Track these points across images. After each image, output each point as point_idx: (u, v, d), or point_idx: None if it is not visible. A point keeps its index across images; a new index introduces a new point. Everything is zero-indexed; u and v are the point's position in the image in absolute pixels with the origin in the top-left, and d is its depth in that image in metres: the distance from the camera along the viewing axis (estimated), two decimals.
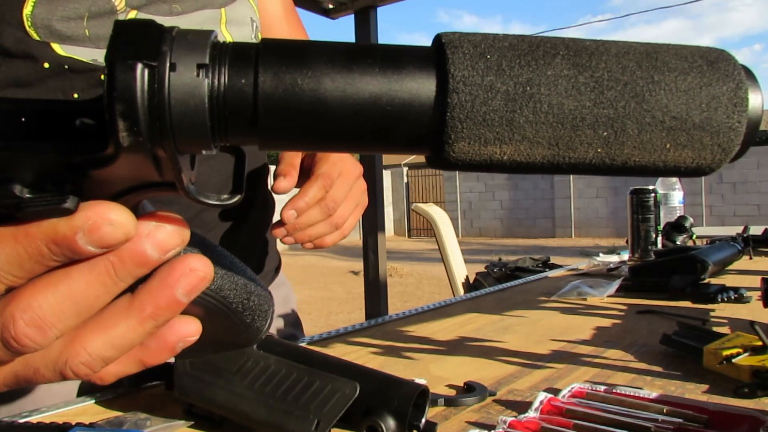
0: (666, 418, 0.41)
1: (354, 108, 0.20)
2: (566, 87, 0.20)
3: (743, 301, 0.83)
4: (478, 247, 11.30)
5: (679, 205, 1.51)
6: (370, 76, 0.20)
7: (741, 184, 10.84)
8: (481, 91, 0.20)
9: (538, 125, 0.20)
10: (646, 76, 0.20)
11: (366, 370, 0.41)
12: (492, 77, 0.20)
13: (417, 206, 3.25)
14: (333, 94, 0.20)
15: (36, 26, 0.50)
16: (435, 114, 0.20)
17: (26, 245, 0.21)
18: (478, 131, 0.20)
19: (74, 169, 0.21)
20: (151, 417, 0.44)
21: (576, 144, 0.20)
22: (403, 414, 0.38)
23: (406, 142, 0.21)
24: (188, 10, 0.57)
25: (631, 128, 0.20)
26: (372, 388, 0.39)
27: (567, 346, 0.65)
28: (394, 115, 0.20)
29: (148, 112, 0.19)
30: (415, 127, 0.20)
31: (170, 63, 0.19)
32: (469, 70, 0.20)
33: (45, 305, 0.22)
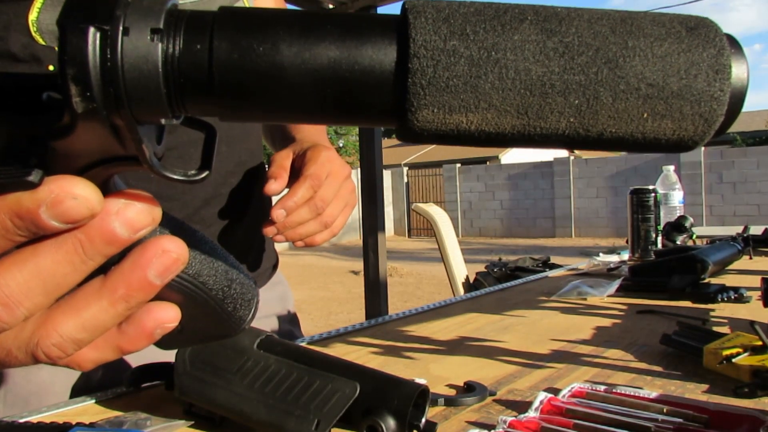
0: (666, 417, 0.41)
1: (312, 74, 0.19)
2: (533, 52, 0.19)
3: (743, 300, 0.83)
4: (478, 246, 11.30)
5: (679, 205, 1.51)
6: (329, 41, 0.19)
7: (741, 184, 10.84)
8: (443, 56, 0.19)
9: (504, 92, 0.19)
10: (620, 41, 0.19)
11: (366, 370, 0.41)
12: (455, 42, 0.19)
13: (417, 206, 3.25)
14: (290, 59, 0.19)
15: (41, 31, 0.51)
16: (396, 81, 0.19)
17: None
18: (442, 98, 0.19)
19: (37, 141, 0.20)
20: (151, 417, 0.44)
21: (546, 112, 0.19)
22: (403, 414, 0.38)
23: (369, 112, 0.20)
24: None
25: (605, 96, 0.19)
26: (372, 387, 0.39)
27: (567, 346, 0.65)
28: (354, 82, 0.19)
29: (100, 76, 0.18)
30: (377, 95, 0.19)
31: (123, 27, 0.18)
32: (430, 35, 0.19)
33: (12, 283, 0.21)
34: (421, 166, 17.14)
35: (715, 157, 11.17)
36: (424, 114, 0.19)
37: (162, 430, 0.43)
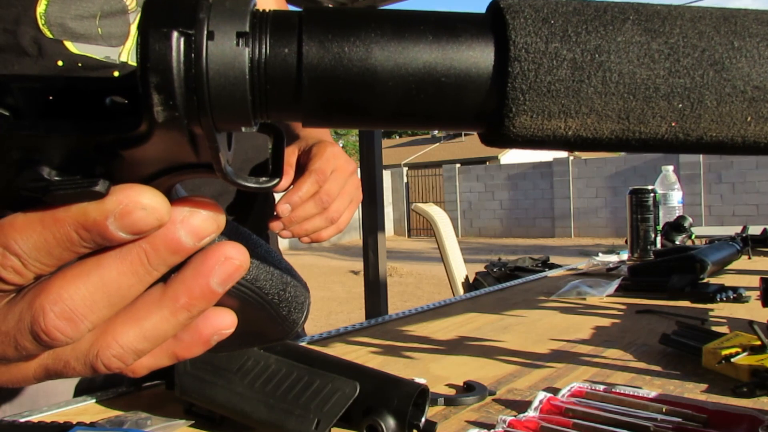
0: (665, 417, 0.41)
1: (407, 79, 0.18)
2: (638, 54, 0.18)
3: (742, 300, 0.84)
4: (478, 246, 11.30)
5: (678, 205, 1.51)
6: (423, 44, 0.18)
7: (740, 184, 10.85)
8: (545, 59, 0.18)
9: (608, 96, 0.18)
10: (725, 42, 0.18)
11: (366, 370, 0.41)
12: (557, 44, 0.18)
13: (417, 206, 3.25)
14: (384, 63, 0.18)
15: (50, 24, 0.51)
16: (495, 85, 0.18)
17: (55, 231, 0.20)
18: (542, 103, 0.18)
19: (105, 149, 0.19)
20: (151, 416, 0.44)
21: (648, 117, 0.19)
22: (403, 413, 0.38)
23: (462, 118, 0.19)
24: None
25: (710, 99, 0.18)
26: (372, 387, 0.39)
27: (566, 346, 0.65)
28: (450, 87, 0.18)
29: (184, 84, 0.17)
30: (473, 100, 0.19)
31: (208, 31, 0.17)
32: (531, 37, 0.18)
33: (76, 296, 0.21)
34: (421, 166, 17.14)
35: (714, 157, 11.17)
36: (522, 120, 0.19)
37: (162, 429, 0.43)
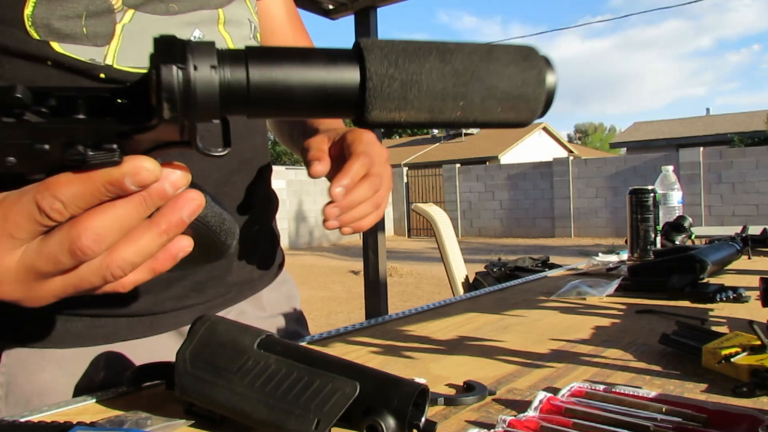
0: (665, 417, 0.41)
1: (310, 91, 0.31)
2: (437, 75, 0.31)
3: (742, 300, 0.84)
4: (478, 246, 11.29)
5: (678, 205, 1.51)
6: (319, 70, 0.31)
7: (740, 184, 10.85)
8: (386, 79, 0.31)
9: (421, 100, 0.31)
10: (485, 66, 0.32)
11: (366, 370, 0.41)
12: (392, 70, 0.31)
13: (417, 206, 3.25)
14: (297, 83, 0.30)
15: (36, 26, 0.51)
16: (360, 93, 0.31)
17: (89, 186, 0.31)
18: (385, 104, 0.31)
19: (122, 134, 0.31)
20: (151, 416, 0.45)
21: (444, 110, 0.32)
22: (403, 413, 0.38)
23: (341, 111, 0.32)
24: (185, 9, 0.58)
25: (477, 99, 0.32)
26: (372, 387, 0.39)
27: (566, 346, 0.65)
28: (334, 95, 0.31)
29: (181, 96, 0.28)
30: (347, 102, 0.31)
31: (193, 65, 0.28)
32: (378, 65, 0.31)
33: (101, 225, 0.32)
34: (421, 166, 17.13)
35: (714, 158, 11.17)
36: (374, 113, 0.32)
37: (163, 429, 0.43)
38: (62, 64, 0.52)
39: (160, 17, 0.56)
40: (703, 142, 15.33)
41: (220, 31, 0.61)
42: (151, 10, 0.55)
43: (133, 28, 0.54)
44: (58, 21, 0.51)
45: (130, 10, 0.54)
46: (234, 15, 0.63)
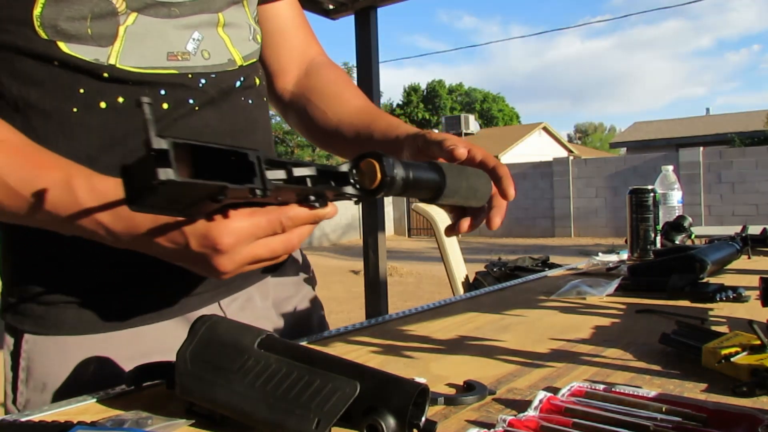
0: (665, 416, 0.41)
1: (431, 184, 0.53)
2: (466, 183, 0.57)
3: (742, 300, 0.84)
4: (478, 246, 11.29)
5: (677, 205, 1.51)
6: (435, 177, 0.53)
7: (740, 184, 10.84)
8: (454, 186, 0.54)
9: (460, 193, 0.56)
10: (466, 176, 0.56)
11: (366, 369, 0.41)
12: (452, 180, 0.54)
13: (417, 206, 3.25)
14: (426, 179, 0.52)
15: (44, 26, 0.54)
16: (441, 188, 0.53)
17: (307, 217, 0.47)
18: (452, 194, 0.54)
19: (337, 196, 0.47)
20: (152, 416, 0.45)
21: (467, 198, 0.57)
22: (403, 413, 0.38)
23: (435, 194, 0.54)
24: (185, 13, 0.60)
25: (471, 194, 0.56)
26: (372, 386, 0.39)
27: (566, 345, 0.65)
28: (438, 187, 0.53)
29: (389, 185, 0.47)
30: (439, 189, 0.53)
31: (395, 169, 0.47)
32: (451, 181, 0.53)
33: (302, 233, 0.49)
34: None
35: (713, 157, 11.16)
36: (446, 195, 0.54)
37: (163, 429, 0.43)
38: (68, 63, 0.55)
39: (162, 20, 0.58)
40: (703, 142, 15.33)
41: (219, 33, 0.63)
42: (153, 13, 0.57)
43: (136, 30, 0.57)
44: (64, 22, 0.54)
45: (133, 13, 0.57)
46: (233, 18, 0.65)
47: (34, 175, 0.47)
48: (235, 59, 0.65)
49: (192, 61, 0.60)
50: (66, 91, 0.56)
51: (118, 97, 0.57)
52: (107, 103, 0.57)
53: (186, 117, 0.60)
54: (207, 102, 0.62)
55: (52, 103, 0.56)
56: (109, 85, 0.57)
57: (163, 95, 0.59)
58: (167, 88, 0.59)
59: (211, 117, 0.62)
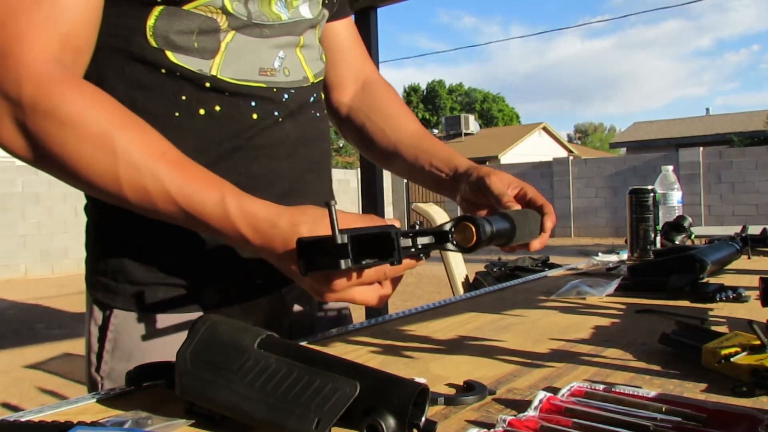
0: (665, 416, 0.41)
1: (506, 232, 0.61)
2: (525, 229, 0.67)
3: (742, 300, 0.84)
4: None
5: (677, 205, 1.51)
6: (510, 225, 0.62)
7: (739, 184, 10.84)
8: (520, 232, 0.64)
9: (523, 237, 0.66)
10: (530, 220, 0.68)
11: (366, 369, 0.41)
12: (519, 228, 0.64)
13: (417, 206, 3.25)
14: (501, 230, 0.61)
15: (156, 35, 0.62)
16: (513, 235, 0.63)
17: (409, 266, 0.54)
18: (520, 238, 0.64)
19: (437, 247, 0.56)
20: (152, 416, 0.45)
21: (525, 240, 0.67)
22: (403, 413, 0.38)
23: (507, 240, 0.63)
24: (274, 35, 0.68)
25: (529, 238, 0.67)
26: (372, 387, 0.39)
27: (566, 345, 0.65)
28: (509, 235, 0.62)
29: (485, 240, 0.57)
30: (511, 237, 0.62)
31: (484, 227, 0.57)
32: (519, 231, 0.64)
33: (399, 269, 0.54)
34: None
35: (713, 158, 11.16)
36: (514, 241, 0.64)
37: (163, 428, 0.43)
38: (174, 72, 0.63)
39: (255, 39, 0.66)
40: (703, 142, 15.33)
41: (297, 53, 0.72)
42: (248, 32, 0.66)
43: (234, 46, 0.65)
44: (175, 34, 0.62)
45: (232, 31, 0.64)
46: (309, 40, 0.73)
47: (193, 189, 0.54)
48: (308, 77, 0.73)
49: (277, 77, 0.68)
50: (170, 96, 0.63)
51: (216, 106, 0.65)
52: (205, 110, 0.65)
53: (271, 127, 0.68)
54: (288, 114, 0.70)
55: (158, 107, 0.63)
56: (209, 93, 0.64)
57: (254, 106, 0.67)
58: (257, 100, 0.67)
59: (290, 128, 0.70)
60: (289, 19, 0.69)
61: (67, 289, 7.43)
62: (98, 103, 0.55)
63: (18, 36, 0.53)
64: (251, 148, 0.67)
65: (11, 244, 8.80)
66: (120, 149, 0.53)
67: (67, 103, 0.53)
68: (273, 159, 0.69)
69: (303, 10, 0.71)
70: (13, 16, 0.53)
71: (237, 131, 0.66)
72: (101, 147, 0.53)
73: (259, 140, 0.67)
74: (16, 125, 0.53)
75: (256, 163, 0.67)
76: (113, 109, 0.55)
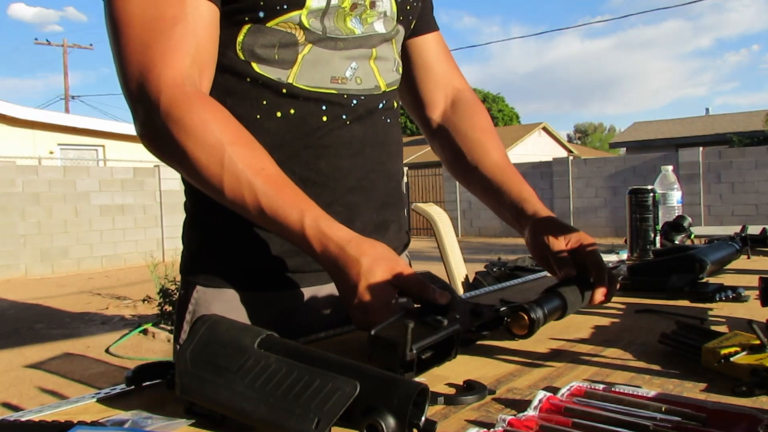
0: (664, 416, 0.41)
1: (557, 309, 0.67)
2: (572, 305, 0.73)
3: (741, 300, 0.84)
4: (478, 246, 11.29)
5: (677, 205, 1.51)
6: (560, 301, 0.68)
7: (739, 184, 10.84)
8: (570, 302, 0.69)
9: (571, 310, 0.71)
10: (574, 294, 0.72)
11: (366, 369, 0.41)
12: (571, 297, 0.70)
13: (417, 206, 3.25)
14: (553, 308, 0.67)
15: (243, 50, 0.71)
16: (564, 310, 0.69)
17: None
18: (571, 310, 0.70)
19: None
20: (152, 416, 0.45)
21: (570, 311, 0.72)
22: (403, 413, 0.38)
23: (562, 313, 0.69)
24: (348, 47, 0.74)
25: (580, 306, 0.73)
26: (372, 386, 0.39)
27: (566, 345, 0.65)
28: (561, 308, 0.69)
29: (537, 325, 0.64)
30: (564, 312, 0.69)
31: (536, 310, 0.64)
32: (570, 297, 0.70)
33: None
34: (421, 166, 17.11)
35: (713, 157, 11.17)
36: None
37: (163, 428, 0.43)
38: (257, 80, 0.71)
39: (330, 51, 0.73)
40: (703, 142, 15.33)
41: (370, 64, 0.77)
42: (323, 45, 0.73)
43: (309, 57, 0.72)
44: (259, 48, 0.71)
45: (309, 44, 0.72)
46: (383, 53, 0.79)
47: (279, 204, 0.62)
48: (380, 86, 0.79)
49: (348, 85, 0.75)
50: (253, 101, 0.72)
51: (291, 109, 0.73)
52: (282, 113, 0.73)
53: (339, 129, 0.75)
54: (356, 118, 0.76)
55: (242, 110, 0.71)
56: (285, 99, 0.72)
57: (324, 110, 0.74)
58: (327, 105, 0.74)
59: (358, 130, 0.76)
60: (362, 34, 0.75)
61: (67, 289, 7.43)
62: (218, 118, 0.64)
63: (160, 55, 0.64)
64: (320, 146, 0.74)
65: (11, 244, 8.80)
66: (227, 160, 0.62)
67: (193, 115, 0.63)
68: (339, 157, 0.76)
69: (377, 26, 0.77)
70: (155, 38, 0.64)
71: (308, 131, 0.73)
72: (213, 155, 0.62)
73: (327, 140, 0.74)
74: (152, 127, 0.64)
75: (323, 160, 0.74)
76: (230, 125, 0.64)
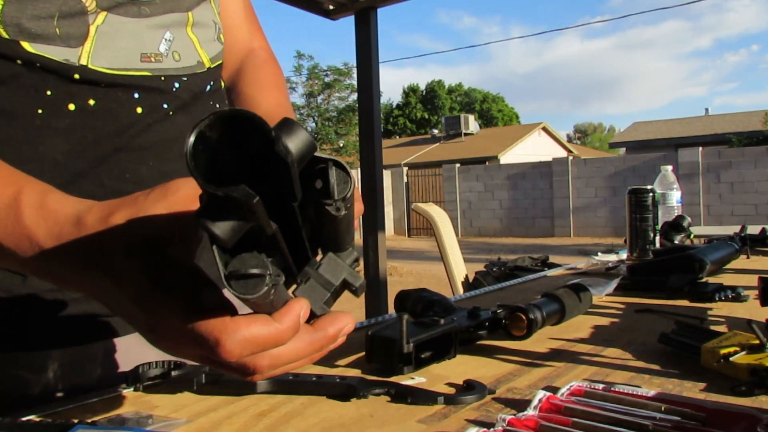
0: (664, 416, 0.41)
1: (554, 312, 0.69)
2: (576, 309, 0.75)
3: (741, 299, 0.84)
4: (478, 246, 11.30)
5: (677, 205, 1.51)
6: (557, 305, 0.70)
7: (739, 184, 10.85)
8: (569, 308, 0.73)
9: (570, 317, 0.74)
10: (574, 300, 0.74)
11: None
12: (570, 300, 0.72)
13: (417, 206, 3.26)
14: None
15: (5, 24, 0.50)
16: (562, 315, 0.72)
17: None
18: (571, 315, 0.74)
19: None
20: (152, 415, 0.45)
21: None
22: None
23: (558, 319, 0.71)
24: (156, 12, 0.58)
25: (584, 309, 0.77)
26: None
27: (566, 345, 0.65)
28: (560, 313, 0.71)
29: None
30: (560, 319, 0.71)
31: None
32: (568, 301, 0.72)
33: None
34: (421, 166, 17.11)
35: (712, 158, 11.17)
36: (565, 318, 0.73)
37: (163, 428, 0.43)
38: (33, 63, 0.51)
39: (132, 19, 0.56)
40: (702, 142, 15.33)
41: (188, 33, 0.61)
42: (123, 12, 0.55)
43: (106, 29, 0.54)
44: (29, 21, 0.50)
45: (102, 12, 0.54)
46: (201, 17, 0.63)
47: None
48: (203, 61, 0.63)
49: (165, 63, 0.58)
50: (30, 91, 0.52)
51: (89, 100, 0.54)
52: (77, 106, 0.53)
53: (161, 122, 0.58)
54: (180, 107, 0.59)
55: (15, 104, 0.52)
56: (80, 86, 0.53)
57: (137, 99, 0.56)
58: (141, 92, 0.56)
59: (184, 123, 0.59)
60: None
61: None
62: None
63: None
64: (137, 148, 0.56)
65: None
66: None
67: None
68: (165, 161, 0.58)
69: None
70: None
71: (118, 128, 0.55)
72: None
73: (146, 139, 0.56)
74: None
75: (144, 165, 0.57)
76: None
